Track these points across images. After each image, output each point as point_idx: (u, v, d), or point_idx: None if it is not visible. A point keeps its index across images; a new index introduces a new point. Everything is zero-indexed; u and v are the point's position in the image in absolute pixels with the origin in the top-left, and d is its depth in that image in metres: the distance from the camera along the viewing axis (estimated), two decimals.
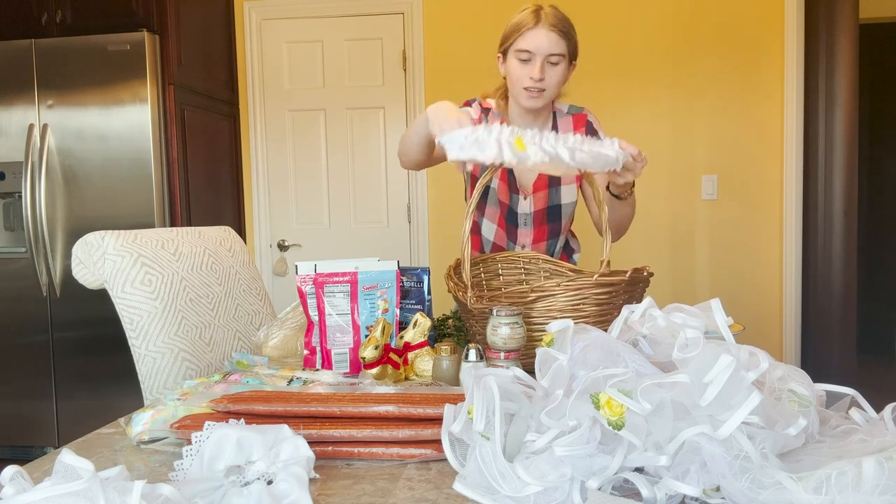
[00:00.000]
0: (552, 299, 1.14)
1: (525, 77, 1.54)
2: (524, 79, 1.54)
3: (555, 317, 1.14)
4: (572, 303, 1.14)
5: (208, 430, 0.73)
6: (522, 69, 1.54)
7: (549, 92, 1.56)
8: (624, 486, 0.71)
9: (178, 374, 1.34)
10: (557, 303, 1.14)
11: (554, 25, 1.50)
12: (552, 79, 1.54)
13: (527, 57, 1.52)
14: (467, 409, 0.74)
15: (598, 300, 1.15)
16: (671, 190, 3.42)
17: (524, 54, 1.52)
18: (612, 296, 1.16)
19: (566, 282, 1.14)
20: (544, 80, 1.53)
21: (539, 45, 1.50)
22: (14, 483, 0.58)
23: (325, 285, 1.29)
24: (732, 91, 3.34)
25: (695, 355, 0.69)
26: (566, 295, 1.14)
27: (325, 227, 3.66)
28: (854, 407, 0.81)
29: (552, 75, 1.54)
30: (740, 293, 3.37)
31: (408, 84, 3.54)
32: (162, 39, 3.02)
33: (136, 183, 2.99)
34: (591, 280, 1.14)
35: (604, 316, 1.15)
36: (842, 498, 0.58)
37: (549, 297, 1.14)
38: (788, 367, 0.77)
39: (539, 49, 1.51)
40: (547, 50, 1.51)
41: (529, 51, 1.51)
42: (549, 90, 1.56)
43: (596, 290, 1.14)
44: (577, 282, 1.14)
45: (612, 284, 1.15)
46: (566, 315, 1.14)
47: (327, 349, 1.29)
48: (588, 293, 1.14)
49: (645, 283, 1.25)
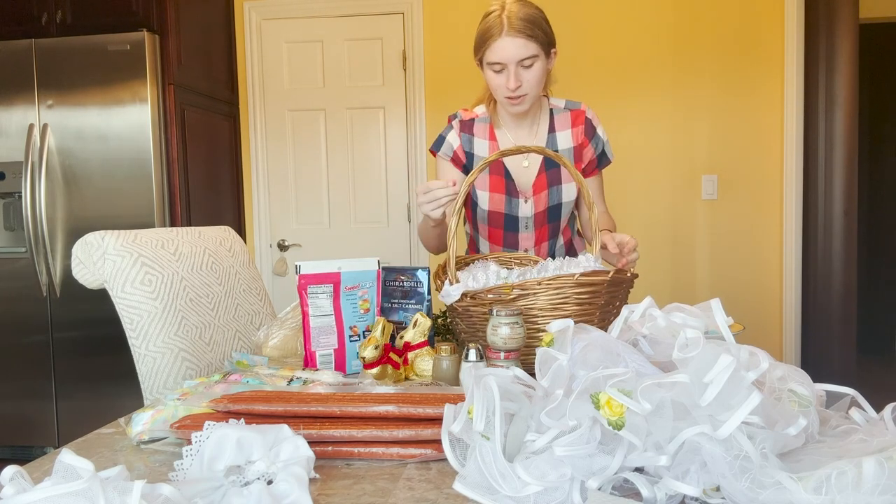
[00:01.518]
0: (533, 298, 1.15)
1: (502, 87, 1.53)
2: (502, 88, 1.53)
3: (536, 315, 1.15)
4: (553, 302, 1.15)
5: (208, 430, 0.73)
6: (498, 79, 1.53)
7: (531, 93, 1.55)
8: (624, 486, 0.71)
9: (178, 374, 1.34)
10: (538, 301, 1.15)
11: (519, 31, 1.47)
12: (530, 81, 1.53)
13: (499, 68, 1.51)
14: (467, 409, 0.74)
15: (579, 300, 1.15)
16: (671, 190, 3.42)
17: (496, 66, 1.51)
18: (593, 295, 1.16)
19: (547, 280, 1.15)
20: (521, 87, 1.52)
21: (507, 54, 1.49)
22: (14, 483, 0.58)
23: (308, 286, 1.29)
24: (732, 91, 3.34)
25: (695, 355, 0.69)
26: (547, 294, 1.14)
27: (325, 227, 3.66)
28: (854, 407, 0.81)
29: (529, 78, 1.52)
30: (740, 293, 3.37)
31: (408, 84, 3.54)
32: (162, 39, 3.02)
33: (136, 183, 2.99)
34: (571, 279, 1.14)
35: (585, 315, 1.16)
36: (842, 498, 0.58)
37: (529, 295, 1.15)
38: (788, 367, 0.77)
39: (508, 59, 1.49)
40: (516, 57, 1.49)
41: (499, 62, 1.50)
42: (529, 92, 1.54)
43: (577, 290, 1.14)
44: (558, 280, 1.15)
45: (594, 284, 1.15)
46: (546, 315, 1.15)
47: (311, 351, 1.29)
48: (569, 292, 1.14)
49: (628, 283, 1.25)
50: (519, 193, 1.67)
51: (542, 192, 1.67)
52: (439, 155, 1.72)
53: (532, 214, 1.68)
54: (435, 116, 3.52)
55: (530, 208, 1.68)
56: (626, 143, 3.32)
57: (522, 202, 1.68)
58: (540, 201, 1.67)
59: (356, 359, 1.30)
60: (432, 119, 3.53)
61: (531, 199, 1.67)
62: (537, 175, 1.66)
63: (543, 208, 1.68)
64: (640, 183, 3.41)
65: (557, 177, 1.66)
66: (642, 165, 3.40)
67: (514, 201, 1.67)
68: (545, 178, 1.66)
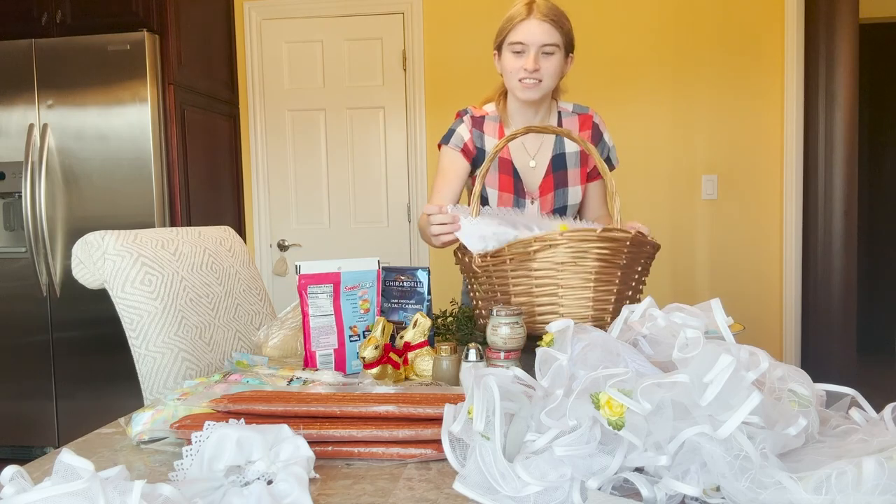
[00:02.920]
0: (554, 249, 1.15)
1: (519, 69, 1.53)
2: (519, 70, 1.54)
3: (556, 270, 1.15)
4: (573, 255, 1.15)
5: (208, 430, 0.73)
6: (517, 61, 1.54)
7: (546, 83, 1.56)
8: (624, 486, 0.71)
9: (178, 374, 1.34)
10: (558, 254, 1.15)
11: (546, 16, 1.50)
12: (547, 69, 1.54)
13: (520, 49, 1.52)
14: (467, 409, 0.74)
15: (599, 255, 1.15)
16: (671, 190, 3.42)
17: (517, 46, 1.52)
18: (613, 254, 1.16)
19: (570, 232, 1.15)
20: (539, 71, 1.53)
21: (531, 35, 1.50)
22: (14, 483, 0.58)
23: (308, 286, 1.29)
24: (732, 91, 3.34)
25: (695, 355, 0.69)
26: (568, 245, 1.14)
27: (325, 227, 3.66)
28: (854, 407, 0.81)
29: (547, 66, 1.53)
30: (740, 293, 3.37)
31: (408, 84, 3.54)
32: (162, 39, 3.02)
33: (136, 183, 2.99)
34: (593, 233, 1.14)
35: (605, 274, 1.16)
36: (842, 498, 0.58)
37: (551, 247, 1.15)
38: (788, 367, 0.77)
39: (532, 40, 1.51)
40: (540, 40, 1.51)
41: (522, 42, 1.51)
42: (545, 81, 1.55)
43: (598, 245, 1.14)
44: (580, 233, 1.15)
45: (616, 240, 1.15)
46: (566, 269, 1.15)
47: (311, 351, 1.29)
48: (590, 246, 1.14)
49: (651, 251, 1.24)
50: (526, 193, 1.67)
51: (549, 194, 1.66)
52: (447, 146, 1.69)
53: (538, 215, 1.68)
54: (435, 116, 3.52)
55: (536, 209, 1.67)
56: (626, 143, 3.32)
57: (529, 203, 1.67)
58: (546, 203, 1.67)
59: (356, 359, 1.30)
60: (432, 119, 3.53)
61: (538, 200, 1.67)
62: (544, 176, 1.66)
63: (549, 210, 1.67)
64: (640, 183, 3.40)
65: (564, 179, 1.66)
66: (642, 165, 3.40)
67: (521, 202, 1.67)
68: (552, 180, 1.66)
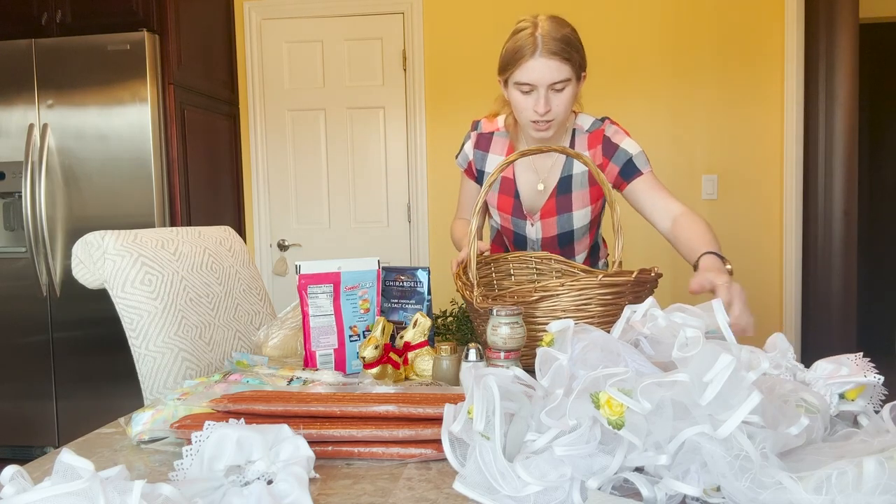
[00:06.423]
0: (556, 299, 1.14)
1: (530, 110, 1.43)
2: (529, 111, 1.43)
3: (559, 317, 1.13)
4: (576, 303, 1.13)
5: (208, 429, 0.73)
6: (526, 101, 1.43)
7: (558, 119, 1.45)
8: (624, 486, 0.71)
9: (178, 374, 1.34)
10: (561, 303, 1.14)
11: (554, 53, 1.37)
12: (559, 106, 1.43)
13: (527, 90, 1.41)
14: (467, 409, 0.74)
15: (603, 300, 1.14)
16: (671, 190, 3.41)
17: (525, 87, 1.41)
18: (617, 296, 1.15)
19: (570, 282, 1.13)
20: (551, 111, 1.42)
21: (540, 77, 1.39)
22: (14, 483, 0.58)
23: (308, 286, 1.29)
24: (732, 91, 3.34)
25: (695, 354, 0.69)
26: (570, 295, 1.13)
27: (325, 227, 3.66)
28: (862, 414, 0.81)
29: (559, 103, 1.42)
30: None
31: (408, 84, 3.54)
32: (162, 39, 3.02)
33: (136, 183, 2.99)
34: (595, 280, 1.12)
35: (609, 317, 1.14)
36: (842, 498, 0.58)
37: (552, 297, 1.14)
38: (798, 384, 0.77)
39: (541, 81, 1.39)
40: (549, 80, 1.39)
41: (530, 84, 1.40)
42: (557, 118, 1.45)
43: (601, 291, 1.13)
44: (581, 282, 1.13)
45: (618, 285, 1.13)
46: (570, 315, 1.13)
47: (311, 351, 1.29)
48: (593, 293, 1.13)
49: (653, 283, 1.23)
50: (526, 215, 1.62)
51: (551, 218, 1.59)
52: (458, 163, 1.71)
53: (538, 238, 1.63)
54: (435, 116, 3.52)
55: (536, 231, 1.62)
56: None
57: (529, 225, 1.62)
58: (548, 226, 1.61)
59: (356, 359, 1.30)
60: (432, 119, 3.53)
61: (538, 222, 1.61)
62: (547, 199, 1.59)
63: (552, 234, 1.61)
64: None
65: (568, 203, 1.58)
66: None
67: (519, 223, 1.63)
68: (554, 204, 1.58)
